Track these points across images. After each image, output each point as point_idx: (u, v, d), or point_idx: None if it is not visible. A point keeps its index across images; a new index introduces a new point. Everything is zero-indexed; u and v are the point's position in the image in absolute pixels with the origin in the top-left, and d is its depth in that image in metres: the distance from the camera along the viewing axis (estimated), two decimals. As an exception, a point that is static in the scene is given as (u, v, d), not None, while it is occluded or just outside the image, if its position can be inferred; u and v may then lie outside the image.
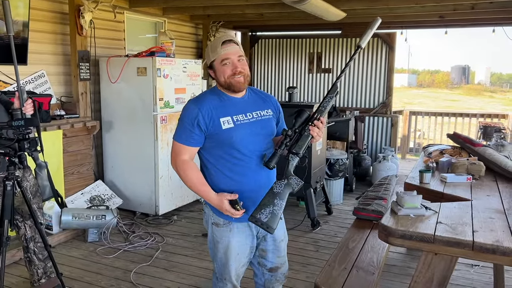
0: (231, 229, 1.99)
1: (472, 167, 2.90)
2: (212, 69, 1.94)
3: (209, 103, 1.92)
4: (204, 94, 2.01)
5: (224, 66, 1.89)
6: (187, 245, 3.97)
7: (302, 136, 1.90)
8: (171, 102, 4.60)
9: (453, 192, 2.55)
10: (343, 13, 4.83)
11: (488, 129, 5.58)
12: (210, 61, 1.93)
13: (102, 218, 3.99)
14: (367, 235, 2.89)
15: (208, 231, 2.09)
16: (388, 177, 4.24)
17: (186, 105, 1.97)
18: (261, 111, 2.03)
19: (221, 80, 1.92)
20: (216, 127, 1.90)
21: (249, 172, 1.96)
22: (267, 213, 1.83)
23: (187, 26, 6.33)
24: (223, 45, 1.89)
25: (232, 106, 1.95)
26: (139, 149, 4.60)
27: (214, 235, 2.04)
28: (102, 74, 4.70)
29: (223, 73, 1.90)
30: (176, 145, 1.95)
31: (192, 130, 1.89)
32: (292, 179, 1.89)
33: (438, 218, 2.04)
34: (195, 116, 1.89)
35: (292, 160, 1.91)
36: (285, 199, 1.88)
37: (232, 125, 1.91)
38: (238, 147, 1.92)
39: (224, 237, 1.99)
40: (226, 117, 1.92)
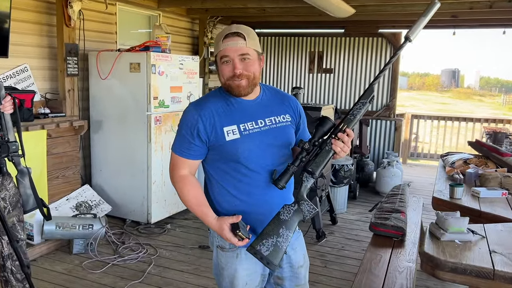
0: (238, 255, 1.67)
1: (507, 181, 2.61)
2: (216, 63, 1.64)
3: (212, 108, 1.61)
4: (207, 97, 1.69)
5: (223, 65, 1.59)
6: (183, 258, 3.63)
7: (322, 151, 1.53)
8: (166, 101, 4.24)
9: (492, 210, 2.25)
10: (352, 9, 4.52)
11: (498, 135, 5.32)
12: (215, 54, 1.64)
13: (89, 227, 3.62)
14: (389, 255, 2.57)
15: (213, 253, 1.77)
16: (400, 186, 3.93)
17: (186, 109, 1.66)
18: (277, 116, 1.69)
19: (221, 81, 1.63)
20: (219, 138, 1.60)
21: (257, 190, 1.64)
22: (269, 245, 1.49)
23: (183, 21, 5.96)
24: (225, 39, 1.58)
25: (239, 112, 1.63)
26: (131, 151, 4.23)
27: (219, 261, 1.72)
28: (92, 69, 4.32)
29: (222, 72, 1.60)
30: (174, 157, 1.68)
31: (191, 141, 1.61)
32: (304, 205, 1.54)
33: (489, 245, 1.73)
34: (195, 123, 1.60)
35: (307, 180, 1.56)
36: (293, 230, 1.53)
37: (238, 136, 1.60)
38: (245, 162, 1.61)
39: (230, 263, 1.68)
40: (231, 125, 1.60)
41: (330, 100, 6.88)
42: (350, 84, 6.78)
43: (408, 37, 1.56)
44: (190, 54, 6.03)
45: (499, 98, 40.88)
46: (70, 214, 3.90)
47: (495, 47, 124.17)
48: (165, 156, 4.30)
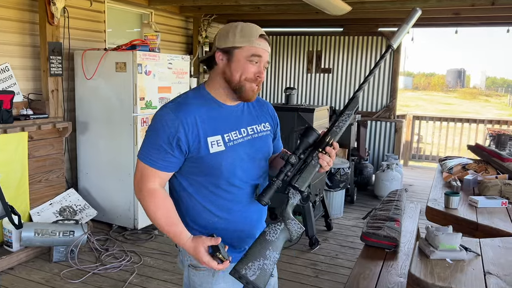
0: (215, 273, 1.49)
1: (507, 189, 2.42)
2: (228, 55, 1.41)
3: (195, 114, 1.41)
4: (187, 98, 1.47)
5: (250, 64, 1.41)
6: (167, 267, 3.46)
7: (308, 166, 1.41)
8: (154, 102, 4.08)
9: (490, 222, 2.07)
10: (348, 7, 4.34)
11: (502, 137, 5.11)
12: (233, 45, 1.41)
13: (70, 234, 3.47)
14: (380, 268, 2.40)
15: (184, 274, 1.58)
16: (397, 192, 3.74)
17: (161, 112, 1.43)
18: (258, 125, 1.55)
19: (233, 76, 1.42)
20: (202, 149, 1.41)
21: (238, 207, 1.48)
22: (255, 269, 1.34)
23: (176, 19, 5.80)
24: (260, 38, 1.42)
25: (223, 119, 1.46)
26: (117, 154, 4.08)
27: (191, 281, 1.54)
28: (77, 69, 4.17)
29: (245, 70, 1.41)
30: (143, 168, 1.42)
31: (168, 151, 1.39)
32: (292, 224, 1.39)
33: (484, 265, 1.55)
34: (174, 132, 1.37)
35: (293, 197, 1.42)
36: (279, 251, 1.39)
37: (223, 148, 1.42)
38: (229, 177, 1.45)
39: (206, 284, 1.51)
40: (216, 136, 1.42)
41: (328, 100, 6.70)
42: (349, 84, 6.59)
43: (391, 45, 1.45)
44: (184, 53, 5.88)
45: (505, 98, 40.41)
46: (53, 219, 3.76)
47: (500, 46, 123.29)
48: (153, 159, 4.14)
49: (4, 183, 3.47)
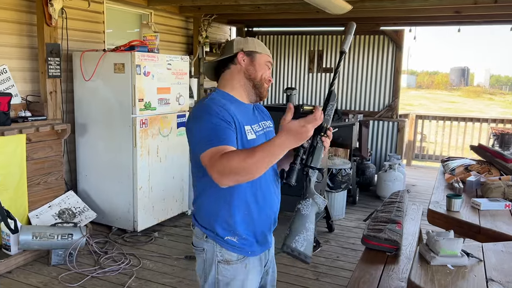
0: (247, 265, 1.61)
1: (511, 191, 2.36)
2: (251, 57, 1.63)
3: (230, 106, 1.56)
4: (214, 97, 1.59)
5: (267, 68, 1.66)
6: (167, 270, 3.43)
7: (316, 148, 1.57)
8: (153, 103, 4.05)
9: (493, 226, 2.02)
10: (348, 6, 4.29)
11: (506, 136, 5.05)
12: (254, 50, 1.64)
13: (69, 237, 3.44)
14: (380, 272, 2.35)
15: (210, 274, 1.62)
16: (399, 193, 3.70)
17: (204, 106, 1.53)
18: (265, 122, 1.75)
19: (257, 74, 1.64)
20: (243, 136, 1.55)
21: (268, 192, 1.64)
22: (302, 241, 1.49)
23: (176, 19, 5.77)
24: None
25: (247, 114, 1.64)
26: (116, 156, 4.05)
27: (222, 277, 1.60)
28: (76, 70, 4.15)
29: (264, 71, 1.65)
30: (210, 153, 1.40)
31: (227, 126, 1.47)
32: (317, 197, 1.57)
33: (486, 271, 1.51)
34: (225, 115, 1.49)
35: (312, 175, 1.57)
36: (314, 222, 1.55)
37: (254, 136, 1.60)
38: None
39: (239, 275, 1.60)
40: (247, 125, 1.59)
41: (330, 100, 6.63)
42: (351, 84, 6.54)
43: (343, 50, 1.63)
44: (184, 54, 5.85)
45: (509, 96, 40.16)
46: (52, 221, 3.73)
47: (504, 44, 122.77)
48: (152, 161, 4.11)
49: (2, 186, 3.46)
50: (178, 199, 4.52)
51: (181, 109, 4.42)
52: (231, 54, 1.63)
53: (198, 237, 1.64)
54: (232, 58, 1.64)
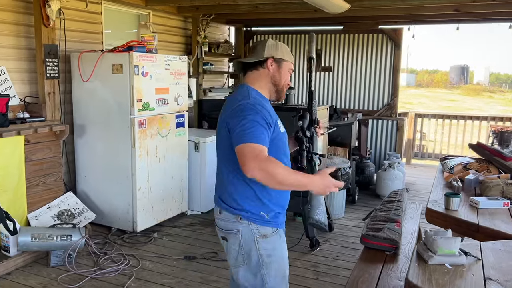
0: (280, 236, 1.90)
1: (509, 189, 2.36)
2: (279, 64, 1.86)
3: (266, 104, 1.81)
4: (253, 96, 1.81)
5: (288, 74, 1.90)
6: (166, 270, 3.43)
7: (314, 137, 1.99)
8: (152, 103, 4.04)
9: (492, 224, 2.01)
10: (346, 5, 4.28)
11: (505, 134, 5.04)
12: (283, 58, 1.87)
13: (68, 238, 3.44)
14: (379, 272, 2.35)
15: (251, 252, 1.81)
16: (398, 192, 3.69)
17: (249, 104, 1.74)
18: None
19: (281, 81, 1.89)
20: (278, 129, 1.80)
21: None
22: (321, 212, 1.88)
23: (174, 19, 5.76)
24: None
25: (273, 109, 1.87)
26: (115, 157, 4.05)
27: (264, 250, 1.81)
28: (74, 71, 4.14)
29: (287, 78, 1.91)
30: (254, 147, 1.61)
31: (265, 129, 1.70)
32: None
33: (484, 270, 1.50)
34: (265, 115, 1.72)
35: (316, 160, 1.96)
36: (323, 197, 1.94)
37: (283, 129, 1.87)
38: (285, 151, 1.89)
39: (278, 245, 1.86)
40: (278, 120, 1.85)
41: (329, 99, 6.64)
42: (350, 83, 6.53)
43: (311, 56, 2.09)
44: (183, 54, 5.84)
45: (509, 94, 40.11)
46: (51, 223, 3.73)
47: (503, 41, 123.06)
48: (151, 162, 4.10)
49: (1, 187, 3.46)
50: (178, 199, 4.52)
51: (179, 109, 4.41)
52: (262, 58, 1.83)
53: (229, 221, 1.81)
54: (262, 61, 1.83)
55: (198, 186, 4.71)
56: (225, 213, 1.84)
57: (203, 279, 3.29)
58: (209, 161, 4.68)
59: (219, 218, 1.88)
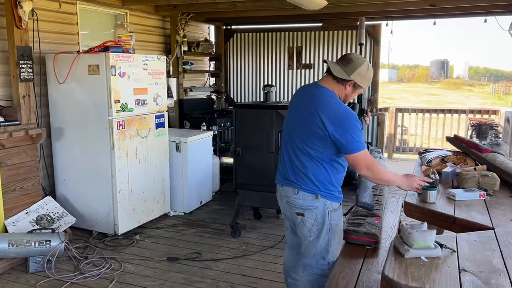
0: (341, 209, 2.37)
1: (485, 180, 2.40)
2: (354, 88, 2.19)
3: None
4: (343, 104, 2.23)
5: (356, 94, 2.25)
6: (148, 272, 3.39)
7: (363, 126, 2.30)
8: (130, 104, 3.99)
9: (468, 216, 2.04)
10: (324, 1, 4.30)
11: (482, 127, 5.13)
12: (360, 85, 2.19)
13: (47, 244, 3.37)
14: (360, 266, 2.35)
15: (324, 222, 2.28)
16: (379, 186, 3.72)
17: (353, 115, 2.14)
18: None
19: (347, 99, 2.25)
20: None
21: None
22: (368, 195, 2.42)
23: (152, 19, 5.70)
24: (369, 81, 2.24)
25: None
26: (94, 159, 3.99)
27: (332, 221, 2.30)
28: (49, 73, 4.06)
29: (351, 96, 2.25)
30: (365, 154, 2.13)
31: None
32: None
33: (460, 262, 1.52)
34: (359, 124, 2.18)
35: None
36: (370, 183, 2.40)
37: None
38: None
39: (339, 216, 2.34)
40: None
41: (310, 96, 6.64)
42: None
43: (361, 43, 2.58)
44: (162, 53, 5.79)
45: (488, 87, 40.91)
46: (30, 228, 3.65)
47: (480, 35, 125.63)
48: (131, 163, 4.06)
49: (-25, 194, 3.37)
50: (160, 200, 4.48)
51: (159, 109, 4.37)
52: (347, 78, 2.15)
53: (308, 199, 2.24)
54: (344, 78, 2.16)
55: (181, 186, 4.68)
56: (303, 193, 2.23)
57: (186, 280, 3.26)
58: (190, 161, 4.65)
59: (296, 197, 2.26)
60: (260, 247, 3.86)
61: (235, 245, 3.92)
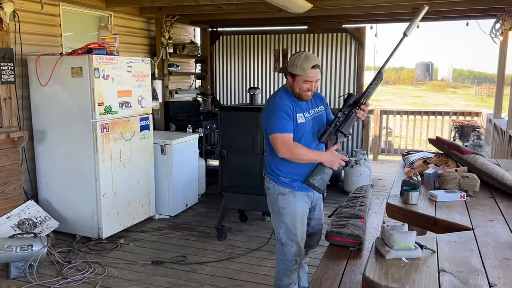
0: (295, 196, 2.50)
1: (465, 181, 2.43)
2: (293, 78, 2.39)
3: (289, 101, 2.41)
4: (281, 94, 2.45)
5: (304, 83, 2.37)
6: (133, 277, 3.36)
7: (350, 118, 2.39)
8: (114, 107, 3.96)
9: (448, 217, 2.06)
10: (308, 4, 4.32)
11: (465, 128, 5.21)
12: (295, 73, 2.37)
13: (28, 248, 3.32)
14: (343, 268, 2.37)
15: (274, 203, 2.54)
16: (363, 188, 3.75)
17: (274, 101, 2.41)
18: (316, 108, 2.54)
19: (296, 90, 2.41)
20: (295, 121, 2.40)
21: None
22: (318, 180, 2.41)
23: (137, 21, 5.67)
24: (312, 69, 2.36)
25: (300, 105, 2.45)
26: (77, 162, 3.94)
27: (280, 204, 2.51)
28: (31, 75, 4.01)
29: (301, 87, 2.39)
30: (281, 136, 2.36)
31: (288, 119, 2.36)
32: (339, 152, 2.44)
33: (439, 262, 1.54)
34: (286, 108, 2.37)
35: (340, 138, 2.45)
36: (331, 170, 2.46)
37: (304, 120, 2.43)
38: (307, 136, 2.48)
39: (291, 203, 2.49)
40: (299, 113, 2.42)
41: (296, 98, 6.67)
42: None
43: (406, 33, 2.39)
44: (147, 56, 5.75)
45: (472, 89, 41.57)
46: (11, 233, 3.59)
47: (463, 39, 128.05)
48: (115, 166, 4.02)
49: (-45, 198, 3.31)
50: (145, 203, 4.45)
51: (143, 111, 4.34)
52: (285, 72, 2.44)
53: (266, 181, 2.57)
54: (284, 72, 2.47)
55: (166, 189, 4.65)
56: (265, 176, 2.57)
57: (171, 284, 3.24)
58: (176, 164, 4.63)
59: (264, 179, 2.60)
60: (246, 249, 3.85)
61: (220, 248, 3.91)
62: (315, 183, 2.39)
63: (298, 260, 2.58)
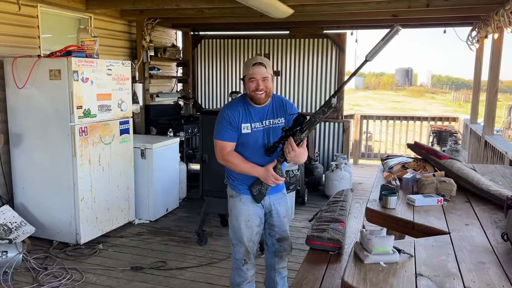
0: (241, 199, 2.53)
1: (442, 186, 2.47)
2: (244, 80, 2.41)
3: (238, 110, 2.41)
4: (234, 101, 2.51)
5: (250, 83, 2.36)
6: (111, 282, 3.31)
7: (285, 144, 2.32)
8: (93, 110, 3.90)
9: (426, 221, 2.09)
10: (290, 10, 4.35)
11: (443, 133, 5.31)
12: (243, 74, 2.41)
13: (3, 255, 3.23)
14: (323, 272, 2.38)
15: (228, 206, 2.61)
16: (343, 192, 3.77)
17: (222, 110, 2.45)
18: (274, 119, 2.47)
19: (247, 91, 2.40)
20: (239, 131, 2.41)
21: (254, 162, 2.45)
22: (256, 190, 2.46)
23: (118, 23, 5.61)
24: (253, 66, 2.36)
25: (252, 114, 2.42)
26: (55, 166, 3.87)
27: (229, 205, 2.60)
28: (8, 78, 3.92)
29: (249, 88, 2.37)
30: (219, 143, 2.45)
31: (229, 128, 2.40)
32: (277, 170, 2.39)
33: (416, 266, 1.56)
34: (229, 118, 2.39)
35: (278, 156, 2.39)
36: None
37: (249, 131, 2.42)
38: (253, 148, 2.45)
39: (236, 205, 2.54)
40: (247, 123, 2.41)
41: (278, 103, 6.70)
42: (298, 86, 6.63)
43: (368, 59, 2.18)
44: (128, 59, 5.70)
45: (450, 95, 42.47)
46: (-15, 239, 3.49)
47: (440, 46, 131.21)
48: (94, 171, 3.96)
49: None
50: (124, 208, 4.39)
51: (123, 115, 4.29)
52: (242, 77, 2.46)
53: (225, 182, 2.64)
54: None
55: (146, 194, 4.60)
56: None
57: (150, 290, 3.20)
58: (156, 168, 4.59)
59: None
60: (226, 254, 3.83)
61: (201, 253, 3.89)
62: (253, 192, 2.45)
63: (246, 260, 2.60)
